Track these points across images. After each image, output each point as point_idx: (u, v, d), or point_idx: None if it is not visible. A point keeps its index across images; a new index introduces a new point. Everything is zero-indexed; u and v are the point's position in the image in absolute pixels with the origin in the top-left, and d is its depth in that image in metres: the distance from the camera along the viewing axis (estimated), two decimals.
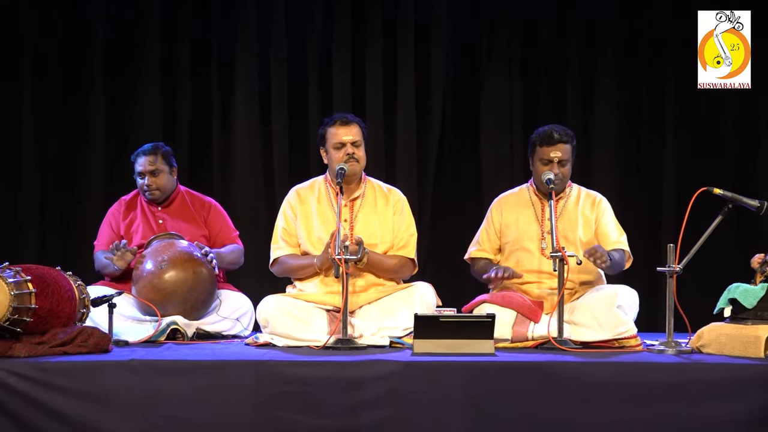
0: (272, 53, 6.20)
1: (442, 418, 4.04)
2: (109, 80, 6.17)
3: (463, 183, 6.22)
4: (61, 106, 6.17)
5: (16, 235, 6.02)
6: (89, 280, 4.97)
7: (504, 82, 6.21)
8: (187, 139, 6.10)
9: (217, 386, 4.06)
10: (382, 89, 6.19)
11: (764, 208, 4.63)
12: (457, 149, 6.25)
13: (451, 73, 6.22)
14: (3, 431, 4.00)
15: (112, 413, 4.02)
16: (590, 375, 4.11)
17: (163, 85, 6.19)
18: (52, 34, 6.13)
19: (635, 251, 5.06)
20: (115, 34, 6.17)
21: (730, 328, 4.41)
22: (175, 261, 4.98)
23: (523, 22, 6.21)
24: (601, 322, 4.63)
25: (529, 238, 4.96)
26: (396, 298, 4.84)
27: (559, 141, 4.88)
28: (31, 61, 6.12)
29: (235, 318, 5.14)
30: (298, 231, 4.96)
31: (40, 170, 6.15)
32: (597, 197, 5.04)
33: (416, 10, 6.18)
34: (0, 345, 4.13)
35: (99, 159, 6.16)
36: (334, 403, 4.05)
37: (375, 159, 5.73)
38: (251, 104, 6.21)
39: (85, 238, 5.73)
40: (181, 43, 6.20)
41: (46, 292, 4.26)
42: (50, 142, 6.16)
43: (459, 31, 6.22)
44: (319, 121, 5.93)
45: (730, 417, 4.03)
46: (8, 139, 6.11)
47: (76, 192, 6.17)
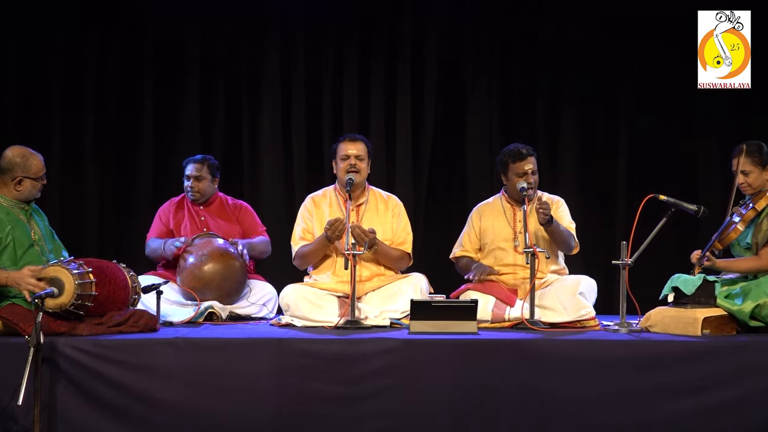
0: (293, 81, 6.17)
1: (433, 386, 4.05)
2: (156, 102, 6.15)
3: (451, 191, 6.20)
4: (117, 124, 6.15)
5: (80, 234, 6.00)
6: (140, 270, 4.96)
7: (484, 110, 6.17)
8: (221, 152, 6.08)
9: (246, 359, 4.07)
10: (384, 115, 6.17)
11: (701, 212, 4.63)
12: (445, 164, 6.23)
13: (441, 104, 6.19)
14: (69, 397, 4.01)
15: (159, 382, 4.03)
16: (557, 350, 4.12)
17: (201, 107, 6.17)
18: (111, 64, 6.12)
19: (594, 249, 5.07)
20: (161, 64, 6.15)
21: (673, 311, 4.41)
22: (213, 255, 4.99)
23: (499, 62, 6.18)
24: (566, 306, 4.63)
25: (503, 239, 4.95)
26: (395, 286, 4.84)
27: (528, 155, 4.89)
28: (93, 85, 6.11)
29: (261, 303, 5.14)
30: (313, 230, 4.97)
31: (100, 180, 6.13)
32: (555, 199, 5.04)
33: (412, 52, 6.15)
34: (66, 325, 4.13)
35: (147, 174, 6.15)
36: (343, 373, 4.06)
37: (378, 171, 5.73)
38: (275, 123, 6.18)
39: (136, 236, 5.72)
40: (216, 72, 6.18)
41: (104, 281, 4.27)
42: (108, 156, 6.15)
43: (447, 71, 6.18)
44: (331, 139, 5.97)
45: (673, 384, 4.04)
46: (73, 154, 6.09)
47: (128, 198, 6.15)
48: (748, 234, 4.58)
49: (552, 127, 6.19)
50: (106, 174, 6.14)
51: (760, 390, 4.01)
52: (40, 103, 6.08)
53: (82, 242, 5.92)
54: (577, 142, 6.18)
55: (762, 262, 4.48)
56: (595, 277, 4.90)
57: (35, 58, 6.07)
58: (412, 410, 4.02)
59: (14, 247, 4.28)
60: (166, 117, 6.17)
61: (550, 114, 6.20)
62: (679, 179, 6.08)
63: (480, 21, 6.15)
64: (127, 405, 4.01)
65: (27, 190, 4.38)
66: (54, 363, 3.99)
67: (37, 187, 4.40)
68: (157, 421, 4.00)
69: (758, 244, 4.53)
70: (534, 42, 6.16)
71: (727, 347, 4.10)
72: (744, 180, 4.58)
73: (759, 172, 4.55)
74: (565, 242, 4.86)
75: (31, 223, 4.43)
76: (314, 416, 4.02)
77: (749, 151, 4.58)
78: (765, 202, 4.54)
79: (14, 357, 3.88)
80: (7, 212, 4.34)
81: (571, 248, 4.92)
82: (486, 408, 4.02)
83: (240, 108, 6.21)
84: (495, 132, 6.15)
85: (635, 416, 4.01)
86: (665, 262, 5.16)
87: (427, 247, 5.89)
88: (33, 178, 4.37)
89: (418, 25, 6.16)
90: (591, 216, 5.72)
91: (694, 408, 4.01)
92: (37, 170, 4.38)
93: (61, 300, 4.08)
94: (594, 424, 4.01)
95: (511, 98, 6.21)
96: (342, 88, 6.17)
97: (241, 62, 6.19)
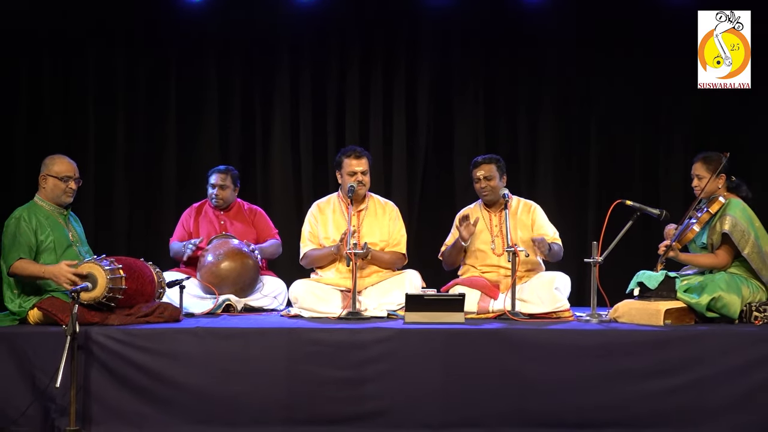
0: (300, 99, 6.16)
1: (426, 370, 4.04)
2: (179, 117, 6.13)
3: (441, 198, 6.19)
4: (145, 136, 6.14)
5: (112, 235, 5.99)
6: (165, 267, 4.96)
7: (471, 125, 6.15)
8: (238, 162, 6.06)
9: (259, 346, 4.06)
10: (382, 129, 6.16)
11: (663, 215, 4.63)
12: (436, 173, 6.22)
13: (432, 119, 6.18)
14: (101, 380, 4.00)
15: (181, 366, 4.03)
16: (535, 338, 4.12)
17: (219, 122, 6.16)
18: (139, 83, 6.11)
19: (568, 248, 5.05)
20: (185, 84, 6.14)
21: (638, 303, 4.41)
22: (229, 254, 4.98)
23: (483, 80, 6.16)
24: (543, 300, 4.63)
25: (482, 242, 4.95)
26: (392, 281, 4.85)
27: (482, 162, 4.90)
28: (124, 102, 6.09)
29: (273, 296, 5.13)
30: (318, 233, 4.96)
31: (129, 188, 6.12)
32: (532, 205, 5.04)
33: (406, 73, 6.14)
34: (98, 315, 4.13)
35: (171, 182, 6.13)
36: (345, 359, 4.05)
37: (377, 179, 5.71)
38: (284, 137, 6.17)
39: (161, 236, 5.71)
40: (232, 92, 6.16)
41: (133, 276, 4.26)
42: (136, 164, 6.13)
43: (438, 88, 6.16)
44: (335, 150, 5.94)
45: (638, 367, 4.04)
46: (105, 161, 6.07)
47: (154, 204, 6.13)
48: (703, 235, 4.58)
49: (531, 139, 6.17)
50: (135, 183, 6.12)
51: (715, 373, 4.01)
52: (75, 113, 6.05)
53: (114, 242, 5.90)
54: (552, 150, 6.16)
55: (718, 260, 4.49)
56: (568, 273, 4.90)
57: (71, 73, 6.06)
58: (407, 391, 4.01)
59: (54, 248, 4.28)
60: (187, 130, 6.15)
61: (529, 129, 6.18)
62: (645, 184, 6.07)
63: (467, 38, 6.13)
64: (153, 387, 4.00)
65: (50, 188, 4.36)
66: (88, 350, 3.99)
67: (60, 187, 4.37)
68: (179, 401, 4.00)
69: (713, 245, 4.53)
70: (515, 61, 6.14)
71: (686, 336, 4.10)
72: (698, 183, 4.58)
73: (712, 178, 4.55)
74: (557, 257, 4.88)
75: (69, 226, 4.43)
76: (320, 396, 4.01)
77: (705, 158, 4.59)
78: (718, 206, 4.54)
79: (53, 344, 3.87)
80: (47, 216, 4.34)
81: (560, 259, 4.91)
82: (472, 389, 4.01)
83: (253, 123, 6.19)
84: (480, 145, 6.14)
85: (605, 396, 4.00)
86: (631, 260, 5.15)
87: (419, 246, 5.88)
88: (56, 177, 4.35)
89: (411, 47, 6.14)
90: (565, 218, 5.71)
91: (657, 389, 4.00)
92: (58, 170, 4.36)
93: (95, 293, 4.08)
94: (569, 404, 4.00)
95: (495, 116, 6.19)
96: (345, 109, 6.15)
97: (255, 83, 6.17)
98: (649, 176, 6.12)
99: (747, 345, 4.05)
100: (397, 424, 3.98)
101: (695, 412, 3.99)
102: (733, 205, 4.51)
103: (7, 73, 5.96)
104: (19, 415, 3.92)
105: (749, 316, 4.35)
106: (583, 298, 5.28)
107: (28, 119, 6.00)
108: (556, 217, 5.17)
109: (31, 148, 5.85)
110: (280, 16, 6.06)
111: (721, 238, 4.48)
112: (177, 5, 5.87)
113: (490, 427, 3.98)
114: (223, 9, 6.02)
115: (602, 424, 3.98)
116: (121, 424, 3.97)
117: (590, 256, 4.49)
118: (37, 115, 6.01)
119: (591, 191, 6.13)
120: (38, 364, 3.95)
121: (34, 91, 6.02)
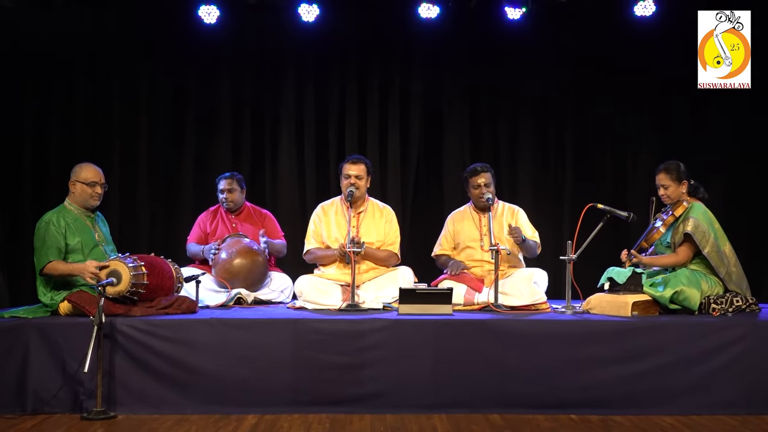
0: (305, 112, 6.15)
1: (418, 356, 4.04)
2: (194, 135, 6.12)
3: (432, 202, 6.18)
4: (165, 149, 6.12)
5: (135, 235, 5.98)
6: (183, 264, 4.94)
7: (458, 136, 6.15)
8: (248, 169, 6.06)
9: (267, 335, 4.06)
10: (378, 139, 6.15)
11: (630, 217, 4.64)
12: (427, 179, 6.21)
13: (424, 130, 6.18)
14: (125, 366, 3.99)
15: (197, 354, 4.02)
16: (516, 328, 4.12)
17: (232, 135, 6.15)
18: (161, 100, 6.11)
19: (546, 246, 5.04)
20: (201, 98, 6.12)
21: (609, 296, 4.41)
22: (241, 252, 4.97)
23: (469, 95, 6.17)
24: (523, 293, 4.62)
25: (472, 240, 4.96)
26: (387, 277, 4.83)
27: (482, 171, 4.89)
28: (146, 121, 6.08)
29: (280, 290, 5.12)
30: (322, 232, 4.95)
31: (151, 194, 6.10)
32: (515, 208, 5.05)
33: (400, 89, 6.13)
34: (122, 308, 4.12)
35: (188, 188, 6.11)
36: (345, 346, 4.05)
37: (374, 184, 5.70)
38: (290, 147, 6.15)
39: (180, 235, 5.69)
40: (243, 105, 6.15)
41: (154, 272, 4.25)
42: (158, 169, 6.11)
43: (429, 101, 6.17)
44: (335, 159, 5.95)
45: (608, 354, 4.04)
46: (129, 172, 6.06)
47: (173, 208, 6.11)
48: (668, 235, 4.58)
49: (511, 147, 6.17)
50: (156, 189, 6.11)
51: (678, 359, 4.02)
52: (103, 133, 6.06)
53: (138, 241, 5.89)
54: (531, 157, 6.15)
55: (679, 258, 4.49)
56: (546, 269, 4.91)
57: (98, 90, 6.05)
58: (401, 375, 4.01)
59: (81, 248, 4.28)
60: (203, 140, 6.14)
61: (510, 138, 6.18)
62: (613, 188, 6.08)
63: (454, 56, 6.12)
64: (172, 372, 3.99)
65: (79, 192, 4.36)
66: (113, 338, 3.98)
67: (87, 192, 4.36)
68: (195, 385, 3.99)
69: (675, 244, 4.54)
70: (497, 76, 6.14)
71: (652, 325, 4.10)
72: (664, 192, 4.59)
73: (676, 186, 4.56)
74: (532, 252, 4.88)
75: (95, 227, 4.42)
76: (323, 380, 4.00)
77: (667, 168, 4.59)
78: (681, 209, 4.55)
79: (81, 333, 3.87)
80: (75, 218, 4.33)
81: (535, 255, 4.91)
82: (459, 374, 4.01)
83: (262, 133, 6.17)
84: (466, 153, 6.14)
85: (579, 380, 4.00)
86: (602, 258, 5.15)
87: (412, 244, 5.88)
88: (83, 183, 4.35)
89: (404, 65, 6.13)
90: (542, 219, 5.71)
91: (626, 373, 4.01)
92: (85, 177, 4.36)
93: (119, 288, 4.07)
94: (546, 387, 4.00)
95: (479, 127, 6.19)
96: (344, 121, 6.13)
97: (264, 97, 6.16)
98: (618, 183, 6.13)
99: (706, 334, 4.05)
100: (392, 404, 3.98)
101: (660, 394, 3.99)
102: (696, 208, 4.52)
103: (42, 88, 5.96)
104: (51, 397, 3.91)
105: (708, 308, 4.35)
106: (559, 292, 5.28)
107: (60, 130, 5.99)
108: (534, 218, 5.16)
109: (63, 156, 5.84)
110: (287, 39, 6.05)
111: (683, 237, 4.48)
112: (195, 28, 5.86)
113: (476, 408, 3.98)
114: (236, 31, 6.01)
115: (577, 405, 3.98)
116: (143, 405, 3.96)
117: (565, 254, 4.49)
118: (68, 125, 6.00)
119: (566, 195, 6.13)
120: (68, 352, 3.94)
121: (65, 105, 6.00)
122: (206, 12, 5.69)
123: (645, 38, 5.88)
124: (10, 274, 5.65)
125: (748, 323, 4.10)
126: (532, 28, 5.94)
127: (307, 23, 5.74)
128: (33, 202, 5.79)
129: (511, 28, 5.83)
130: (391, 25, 6.06)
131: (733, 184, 5.97)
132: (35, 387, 3.94)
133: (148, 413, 3.94)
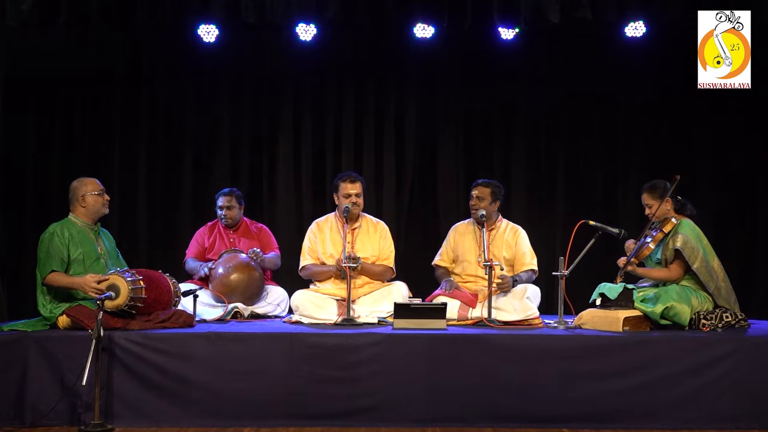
0: (302, 130, 6.17)
1: (412, 370, 4.05)
2: (194, 151, 6.13)
3: (426, 216, 6.19)
4: (165, 166, 6.13)
5: (135, 250, 5.96)
6: (180, 278, 4.94)
7: (452, 151, 6.17)
8: (247, 187, 6.07)
9: (264, 349, 4.07)
10: (374, 155, 6.16)
11: (622, 234, 4.66)
12: (422, 194, 6.22)
13: (419, 145, 6.20)
14: (123, 379, 4.00)
15: (194, 367, 4.03)
16: (509, 342, 4.13)
17: (231, 153, 6.16)
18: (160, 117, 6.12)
19: (539, 263, 5.06)
20: (201, 114, 6.13)
21: (600, 312, 4.42)
22: (238, 267, 4.98)
23: (462, 110, 6.19)
24: (516, 308, 4.63)
25: (470, 253, 4.97)
26: (383, 291, 4.85)
27: (479, 185, 4.93)
28: (146, 137, 6.10)
29: (276, 304, 5.12)
30: (317, 248, 4.96)
31: (150, 210, 6.10)
32: (518, 230, 5.06)
33: (395, 106, 6.15)
34: (121, 321, 4.12)
35: (187, 205, 6.11)
36: (341, 360, 4.06)
37: (369, 199, 5.72)
38: (287, 163, 6.15)
39: (178, 251, 5.70)
40: (242, 121, 6.16)
41: (152, 286, 4.26)
42: (156, 190, 6.11)
43: (424, 119, 6.19)
44: (332, 175, 5.96)
45: (600, 369, 4.06)
46: (129, 189, 6.06)
47: (172, 225, 6.10)
48: (657, 251, 4.61)
49: (505, 165, 6.19)
50: (155, 205, 6.11)
51: (668, 373, 4.04)
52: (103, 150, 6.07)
53: (137, 257, 5.88)
54: (524, 176, 6.18)
55: (671, 274, 4.52)
56: (538, 285, 4.91)
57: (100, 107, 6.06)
58: (395, 389, 4.01)
59: (83, 260, 4.29)
60: (202, 155, 6.15)
61: (503, 157, 6.20)
62: (605, 205, 6.11)
63: (448, 74, 6.14)
64: (169, 385, 4.00)
65: (92, 203, 4.39)
66: (111, 352, 3.99)
67: (99, 201, 4.39)
68: (193, 398, 4.00)
69: (666, 260, 4.56)
70: (490, 95, 6.16)
71: (643, 341, 4.12)
72: (649, 211, 4.63)
73: (659, 203, 4.60)
74: (528, 281, 4.88)
75: (98, 241, 4.44)
76: (318, 394, 4.01)
77: (650, 188, 4.65)
78: (670, 226, 4.58)
79: (80, 347, 3.89)
80: (79, 231, 4.35)
81: (531, 281, 4.92)
82: (453, 388, 4.02)
83: (260, 150, 6.19)
84: (460, 171, 6.16)
85: (570, 395, 4.02)
86: (594, 274, 5.17)
87: (407, 260, 5.89)
88: (92, 194, 4.38)
89: (401, 84, 6.17)
90: (535, 236, 5.71)
91: (617, 387, 4.03)
92: (93, 187, 4.40)
93: (118, 302, 4.08)
94: (539, 401, 4.01)
95: (473, 145, 6.21)
96: (341, 138, 6.15)
97: (262, 114, 6.18)
98: (610, 200, 6.16)
99: (696, 349, 4.08)
100: (386, 418, 3.98)
101: (650, 408, 4.00)
102: (684, 225, 4.56)
103: (44, 105, 5.97)
104: (49, 409, 3.91)
105: (698, 324, 4.37)
106: (551, 307, 5.28)
107: (61, 146, 6.00)
108: (529, 234, 5.17)
109: (65, 171, 5.84)
110: (284, 60, 6.07)
111: (673, 254, 4.51)
112: (194, 46, 5.89)
113: (469, 422, 3.98)
114: (235, 49, 6.03)
115: (569, 419, 4.00)
116: (140, 418, 3.96)
117: (558, 270, 4.52)
118: (70, 142, 6.01)
119: (558, 212, 6.15)
120: (67, 365, 3.95)
121: (67, 122, 6.01)
122: (206, 31, 5.73)
123: (636, 58, 5.95)
124: (9, 287, 5.65)
125: (738, 339, 4.13)
126: (526, 48, 5.98)
127: (304, 42, 5.77)
128: (34, 219, 5.78)
129: (505, 48, 5.87)
130: (387, 45, 6.09)
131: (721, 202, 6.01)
132: (34, 400, 3.94)
133: (146, 426, 3.94)
